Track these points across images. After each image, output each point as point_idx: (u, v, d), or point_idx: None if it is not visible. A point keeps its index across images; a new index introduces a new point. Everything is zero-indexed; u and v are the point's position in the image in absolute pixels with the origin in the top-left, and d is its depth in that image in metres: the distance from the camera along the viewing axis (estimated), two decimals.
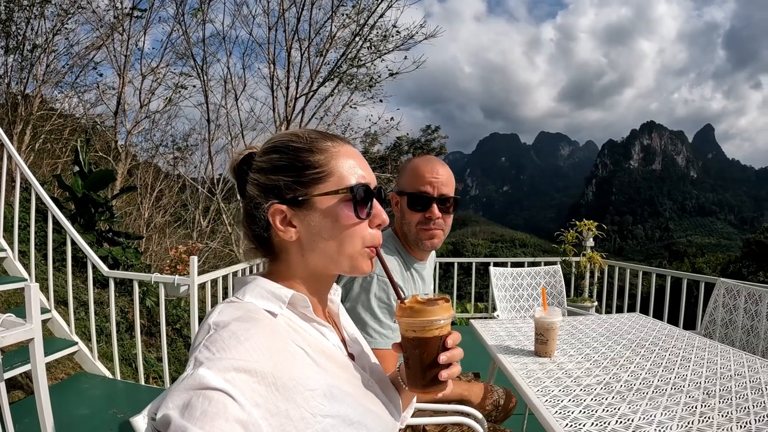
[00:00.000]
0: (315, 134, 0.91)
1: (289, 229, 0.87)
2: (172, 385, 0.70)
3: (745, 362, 1.74)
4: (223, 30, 9.48)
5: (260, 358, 0.68)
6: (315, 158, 0.87)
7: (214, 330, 0.72)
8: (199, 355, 0.67)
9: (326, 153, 0.89)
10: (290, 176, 0.86)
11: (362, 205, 0.88)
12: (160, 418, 0.62)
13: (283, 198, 0.86)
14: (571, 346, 2.00)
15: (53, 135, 9.34)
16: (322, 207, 0.86)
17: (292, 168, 0.87)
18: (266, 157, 0.89)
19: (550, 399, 1.42)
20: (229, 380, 0.63)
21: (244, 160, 0.92)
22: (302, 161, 0.87)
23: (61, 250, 4.51)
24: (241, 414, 0.61)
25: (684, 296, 4.38)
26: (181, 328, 5.45)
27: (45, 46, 8.67)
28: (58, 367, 3.71)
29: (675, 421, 1.24)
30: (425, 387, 0.93)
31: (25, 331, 2.11)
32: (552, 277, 4.00)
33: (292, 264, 0.90)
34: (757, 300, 2.74)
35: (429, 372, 0.93)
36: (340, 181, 0.87)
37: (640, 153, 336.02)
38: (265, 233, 0.89)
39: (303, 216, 0.86)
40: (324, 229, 0.87)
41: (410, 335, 0.92)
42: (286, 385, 0.70)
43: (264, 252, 0.93)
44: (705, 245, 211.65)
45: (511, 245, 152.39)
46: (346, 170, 0.89)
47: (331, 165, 0.88)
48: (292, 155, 0.88)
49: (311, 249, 0.88)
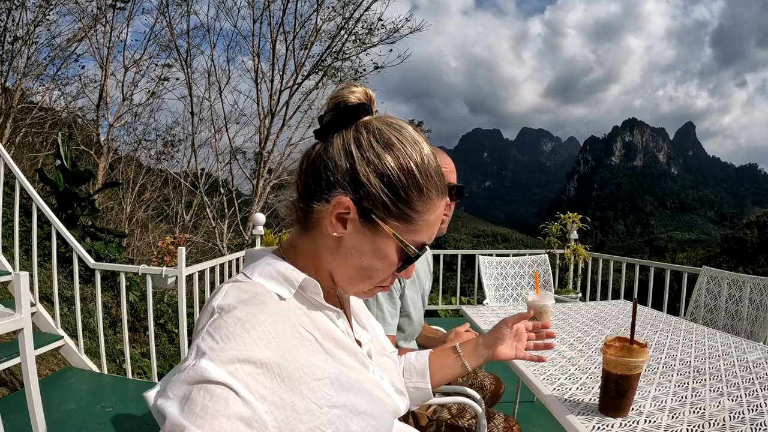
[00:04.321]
0: (434, 169, 0.82)
1: (339, 225, 0.79)
2: (175, 369, 0.68)
3: (731, 343, 1.78)
4: (208, 22, 9.36)
5: (266, 347, 0.66)
6: (418, 202, 0.79)
7: (218, 314, 0.69)
8: (201, 344, 0.65)
9: (428, 205, 0.81)
10: (385, 194, 0.77)
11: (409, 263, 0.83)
12: (158, 406, 0.62)
13: (361, 202, 0.78)
14: (562, 330, 2.03)
15: (34, 128, 9.17)
16: (382, 239, 0.79)
17: (393, 190, 0.78)
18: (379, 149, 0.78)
19: (547, 377, 1.44)
20: (233, 373, 0.61)
21: (357, 109, 0.80)
22: (407, 194, 0.78)
23: (43, 245, 4.45)
24: (243, 410, 0.60)
25: (667, 288, 4.45)
26: (164, 323, 5.41)
27: (26, 38, 8.50)
28: (43, 363, 3.66)
29: (669, 396, 1.27)
30: (615, 412, 1.17)
31: (14, 321, 2.07)
32: (539, 267, 4.03)
33: (318, 248, 0.84)
34: (741, 286, 2.79)
35: (623, 401, 1.16)
36: (415, 235, 0.81)
37: (622, 149, 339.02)
38: (314, 204, 0.80)
39: (360, 229, 0.79)
40: (366, 254, 0.81)
41: (618, 371, 1.13)
42: (292, 376, 0.67)
43: (298, 216, 0.86)
44: (685, 241, 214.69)
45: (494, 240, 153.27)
46: (427, 229, 0.82)
47: (423, 219, 0.81)
48: (404, 179, 0.78)
49: (341, 256, 0.82)
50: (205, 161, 10.71)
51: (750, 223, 58.98)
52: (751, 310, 2.67)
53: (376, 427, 0.81)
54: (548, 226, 5.71)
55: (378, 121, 0.81)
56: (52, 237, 3.78)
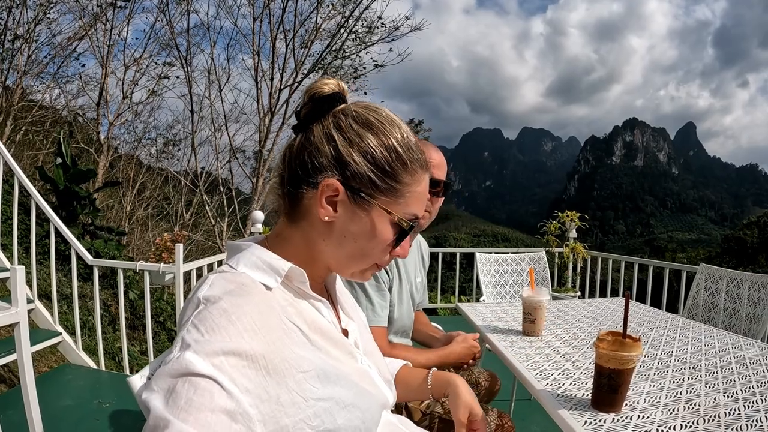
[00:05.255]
0: (415, 144, 0.85)
1: (329, 209, 0.80)
2: (160, 359, 0.68)
3: (728, 340, 1.77)
4: (207, 20, 9.40)
5: (252, 339, 0.66)
6: (404, 174, 0.82)
7: (204, 305, 0.69)
8: (186, 336, 0.65)
9: (414, 175, 0.83)
10: (371, 171, 0.80)
11: (404, 238, 0.85)
12: (143, 400, 0.61)
13: (348, 182, 0.80)
14: (558, 326, 2.02)
15: (34, 127, 9.19)
16: (374, 217, 0.81)
17: (378, 166, 0.80)
18: (359, 129, 0.81)
19: (541, 372, 1.43)
20: (218, 365, 0.61)
21: (332, 98, 0.83)
22: (392, 168, 0.81)
23: (42, 243, 4.45)
24: (228, 403, 0.59)
25: (666, 288, 4.44)
26: (164, 321, 5.40)
27: (26, 37, 8.52)
28: (42, 360, 3.66)
29: (663, 392, 1.26)
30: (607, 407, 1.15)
31: (10, 315, 2.07)
32: (536, 264, 4.03)
33: (308, 237, 0.85)
34: (739, 283, 2.79)
35: (616, 396, 1.15)
36: (405, 209, 0.83)
37: (622, 149, 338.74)
38: (302, 190, 0.82)
39: (351, 210, 0.81)
40: (360, 234, 0.82)
41: (611, 365, 1.12)
42: (278, 368, 0.67)
43: (286, 206, 0.87)
44: (685, 241, 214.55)
45: (494, 239, 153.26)
46: (416, 201, 0.85)
47: (410, 189, 0.83)
48: (387, 154, 0.81)
49: (335, 240, 0.83)
50: (205, 160, 10.75)
51: (750, 224, 58.99)
52: (749, 308, 2.66)
53: (363, 419, 0.80)
54: (547, 225, 5.71)
55: (354, 106, 0.84)
56: (51, 234, 3.78)
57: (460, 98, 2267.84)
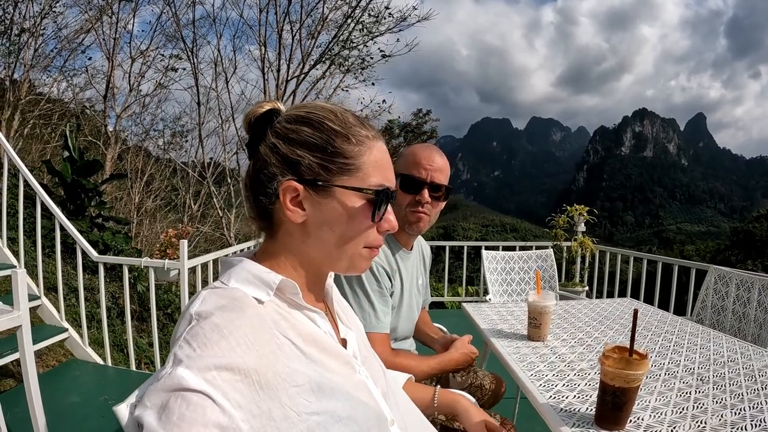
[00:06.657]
0: (353, 119, 0.86)
1: (297, 210, 0.82)
2: (152, 378, 0.68)
3: (737, 349, 1.74)
4: (213, 11, 9.33)
5: (244, 353, 0.66)
6: (349, 147, 0.82)
7: (196, 321, 0.69)
8: (179, 352, 0.64)
9: (361, 145, 0.84)
10: (317, 157, 0.81)
11: (379, 208, 0.84)
12: (137, 416, 0.61)
13: (303, 177, 0.81)
14: (563, 330, 1.99)
15: (42, 120, 9.23)
16: (340, 199, 0.82)
17: (322, 150, 0.81)
18: (295, 126, 0.83)
19: (544, 384, 1.42)
20: (210, 380, 0.61)
21: (266, 115, 0.85)
22: (335, 146, 0.82)
23: (50, 236, 4.46)
24: (221, 418, 0.59)
25: (675, 283, 4.41)
26: (172, 313, 5.43)
27: (33, 30, 8.54)
28: (49, 354, 3.69)
29: (669, 407, 1.24)
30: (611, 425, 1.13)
31: (12, 319, 2.08)
32: (544, 261, 4.00)
33: (289, 247, 0.86)
34: (749, 287, 2.74)
35: (620, 414, 1.12)
36: (367, 180, 0.83)
37: (632, 140, 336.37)
38: (270, 205, 0.84)
39: (316, 202, 0.82)
40: (334, 221, 0.83)
41: (616, 383, 1.10)
42: (270, 383, 0.67)
43: (262, 224, 0.89)
44: (694, 233, 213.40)
45: (502, 230, 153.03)
46: (376, 169, 0.85)
47: (363, 159, 0.83)
48: (325, 136, 0.82)
49: (314, 237, 0.84)
50: (213, 151, 10.71)
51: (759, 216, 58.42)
52: (759, 313, 2.62)
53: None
54: (555, 219, 5.67)
55: (287, 110, 0.87)
56: (56, 229, 3.79)
57: (469, 88, 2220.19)
